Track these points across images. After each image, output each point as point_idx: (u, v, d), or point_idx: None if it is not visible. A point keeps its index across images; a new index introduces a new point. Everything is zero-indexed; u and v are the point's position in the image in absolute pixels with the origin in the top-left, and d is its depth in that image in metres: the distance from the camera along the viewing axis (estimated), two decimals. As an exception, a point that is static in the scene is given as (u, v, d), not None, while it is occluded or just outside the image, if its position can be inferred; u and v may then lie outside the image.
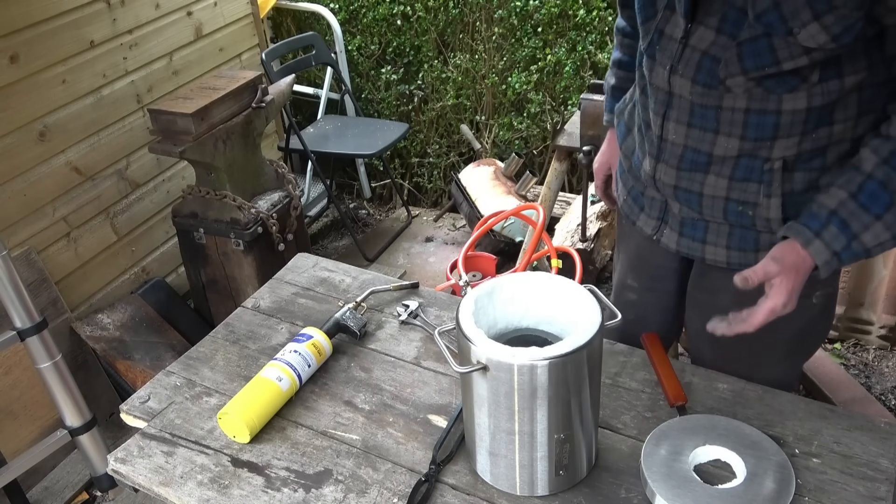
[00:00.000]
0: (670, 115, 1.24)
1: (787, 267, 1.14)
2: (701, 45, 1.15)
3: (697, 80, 1.17)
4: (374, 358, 1.45)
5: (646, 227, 1.43)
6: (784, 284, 1.14)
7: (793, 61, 1.07)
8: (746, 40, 1.09)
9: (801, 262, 1.14)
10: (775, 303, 1.14)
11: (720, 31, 1.12)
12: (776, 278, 1.14)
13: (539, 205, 2.63)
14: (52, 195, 2.47)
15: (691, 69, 1.17)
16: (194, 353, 1.51)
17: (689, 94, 1.19)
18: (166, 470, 1.24)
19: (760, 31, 1.07)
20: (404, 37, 3.70)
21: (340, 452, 1.25)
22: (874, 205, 1.09)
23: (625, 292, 1.62)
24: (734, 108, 1.16)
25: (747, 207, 1.25)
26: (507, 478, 1.14)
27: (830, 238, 1.12)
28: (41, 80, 2.39)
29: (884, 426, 1.21)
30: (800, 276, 1.14)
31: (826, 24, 1.01)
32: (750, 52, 1.09)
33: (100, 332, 2.54)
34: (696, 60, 1.16)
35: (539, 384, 1.04)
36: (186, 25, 2.92)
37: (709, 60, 1.14)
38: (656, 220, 1.39)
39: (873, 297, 2.62)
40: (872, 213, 1.09)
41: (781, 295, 1.13)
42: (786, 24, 1.04)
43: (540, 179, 3.12)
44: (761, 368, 1.41)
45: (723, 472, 1.15)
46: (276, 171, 2.83)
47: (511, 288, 1.19)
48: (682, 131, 1.23)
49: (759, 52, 1.08)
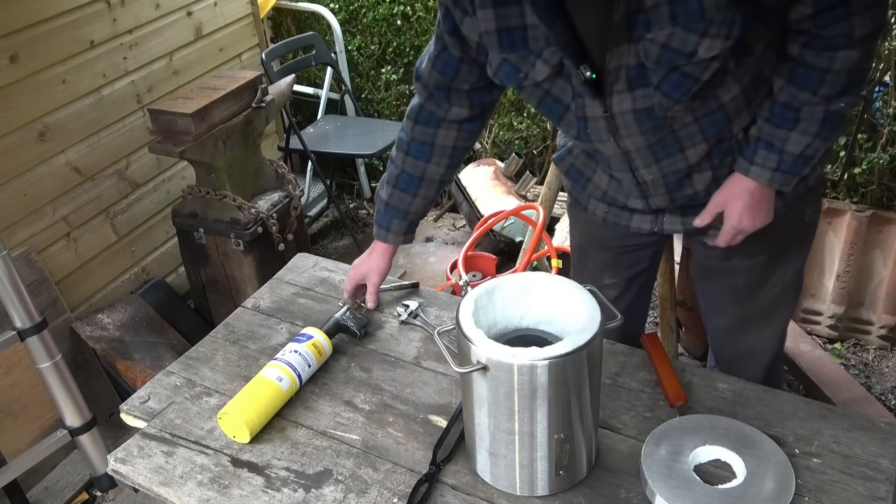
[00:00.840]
0: (637, 166, 1.31)
1: (729, 195, 1.29)
2: (626, 107, 1.20)
3: (642, 131, 1.23)
4: (374, 358, 1.45)
5: (643, 226, 1.46)
6: (734, 207, 1.29)
7: (709, 70, 1.14)
8: (661, 81, 1.15)
9: (749, 187, 1.28)
10: (730, 223, 1.30)
11: (633, 87, 1.17)
12: (726, 207, 1.30)
13: (539, 205, 2.63)
14: (52, 195, 2.47)
15: (633, 127, 1.23)
16: (194, 353, 1.51)
17: (643, 144, 1.26)
18: (166, 470, 1.24)
19: (666, 69, 1.13)
20: (404, 37, 3.70)
21: (340, 452, 1.25)
22: (784, 121, 1.21)
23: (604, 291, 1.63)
24: (685, 124, 1.23)
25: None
26: (507, 478, 1.14)
27: (762, 160, 1.25)
28: (41, 80, 2.39)
29: (884, 426, 1.21)
30: (753, 199, 1.28)
31: (714, 34, 1.08)
32: (671, 87, 1.16)
33: (100, 332, 2.54)
34: (632, 119, 1.22)
35: (539, 384, 1.04)
36: (186, 25, 2.92)
37: (642, 113, 1.21)
38: (652, 216, 1.44)
39: (873, 297, 2.62)
40: (785, 127, 1.22)
41: (733, 216, 1.29)
42: (682, 54, 1.11)
43: (540, 179, 3.12)
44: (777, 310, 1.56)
45: (723, 472, 1.15)
46: (276, 171, 2.83)
47: (511, 288, 1.19)
48: (654, 169, 1.31)
49: (677, 83, 1.15)
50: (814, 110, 1.19)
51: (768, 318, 1.57)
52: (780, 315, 1.59)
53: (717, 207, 1.31)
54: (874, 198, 2.76)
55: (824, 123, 1.20)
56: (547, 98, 1.27)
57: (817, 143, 1.22)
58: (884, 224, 2.53)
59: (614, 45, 1.13)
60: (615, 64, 1.15)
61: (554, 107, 1.27)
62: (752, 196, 1.27)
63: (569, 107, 1.26)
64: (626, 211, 1.46)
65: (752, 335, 1.59)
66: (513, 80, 1.26)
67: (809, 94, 1.18)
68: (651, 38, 1.09)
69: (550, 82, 1.23)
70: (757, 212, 1.29)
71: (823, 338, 2.70)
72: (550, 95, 1.26)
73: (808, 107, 1.19)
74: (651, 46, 1.11)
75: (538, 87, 1.25)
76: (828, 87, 1.16)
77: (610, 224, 1.50)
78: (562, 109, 1.27)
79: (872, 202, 2.74)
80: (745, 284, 1.51)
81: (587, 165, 1.45)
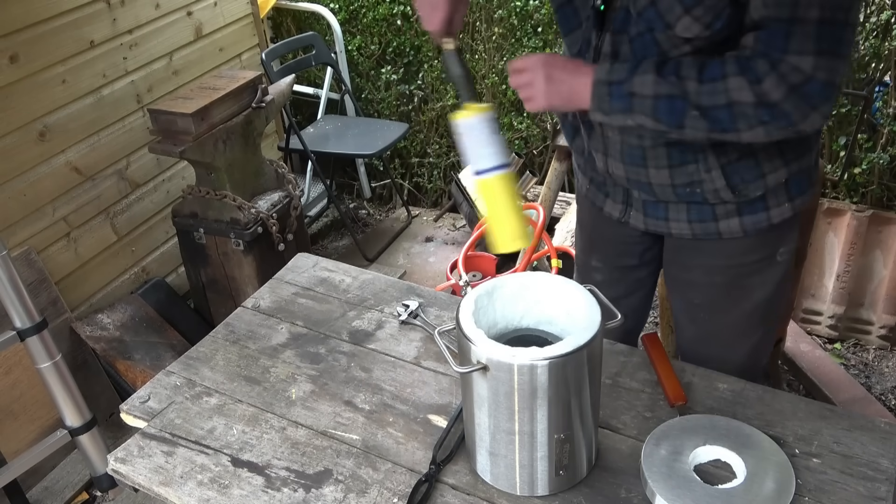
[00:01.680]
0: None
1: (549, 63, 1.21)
2: (607, 48, 1.24)
3: None
4: (374, 358, 1.45)
5: (613, 212, 1.49)
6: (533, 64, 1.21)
7: (677, 50, 1.15)
8: (635, 36, 1.18)
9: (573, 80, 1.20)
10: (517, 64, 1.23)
11: (615, 31, 1.21)
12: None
13: (539, 205, 2.63)
14: (52, 195, 2.47)
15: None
16: (194, 353, 1.51)
17: None
18: (166, 470, 1.24)
19: (643, 27, 1.16)
20: (404, 37, 3.70)
21: (340, 452, 1.25)
22: (664, 68, 1.14)
23: (591, 273, 1.66)
24: None
25: (694, 186, 1.32)
26: (507, 478, 1.14)
27: (619, 67, 1.18)
28: (41, 80, 2.39)
29: (884, 426, 1.21)
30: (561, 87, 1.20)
31: (696, 15, 1.10)
32: (640, 47, 1.18)
33: (100, 332, 2.54)
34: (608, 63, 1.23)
35: (539, 384, 1.04)
36: (186, 25, 2.92)
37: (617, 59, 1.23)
38: (622, 205, 1.46)
39: (873, 297, 2.62)
40: (657, 70, 1.14)
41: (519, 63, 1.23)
42: (663, 19, 1.13)
43: (540, 179, 3.12)
44: (741, 337, 1.51)
45: (723, 472, 1.15)
46: (276, 171, 2.83)
47: (511, 288, 1.19)
48: (616, 132, 1.31)
49: (645, 45, 1.18)
50: (681, 88, 1.12)
51: (729, 345, 1.52)
52: (744, 343, 1.52)
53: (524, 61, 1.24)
54: (874, 198, 2.76)
55: (670, 100, 1.13)
56: (568, 7, 1.30)
57: (646, 105, 1.15)
58: (884, 224, 2.53)
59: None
60: (620, 3, 1.18)
61: (570, 18, 1.30)
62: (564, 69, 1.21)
63: (581, 24, 1.29)
64: (601, 192, 1.49)
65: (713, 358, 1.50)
66: None
67: (696, 76, 1.11)
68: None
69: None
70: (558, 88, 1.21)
71: (823, 338, 2.70)
72: (571, 5, 1.29)
73: (684, 82, 1.12)
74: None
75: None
76: (709, 88, 1.10)
77: (590, 202, 1.52)
78: (575, 24, 1.30)
79: (872, 202, 2.74)
80: (702, 303, 1.49)
81: (576, 116, 1.44)
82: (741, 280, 1.44)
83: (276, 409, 1.35)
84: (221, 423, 1.32)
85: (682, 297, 1.53)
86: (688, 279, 1.49)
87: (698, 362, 1.48)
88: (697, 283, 1.47)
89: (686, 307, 1.54)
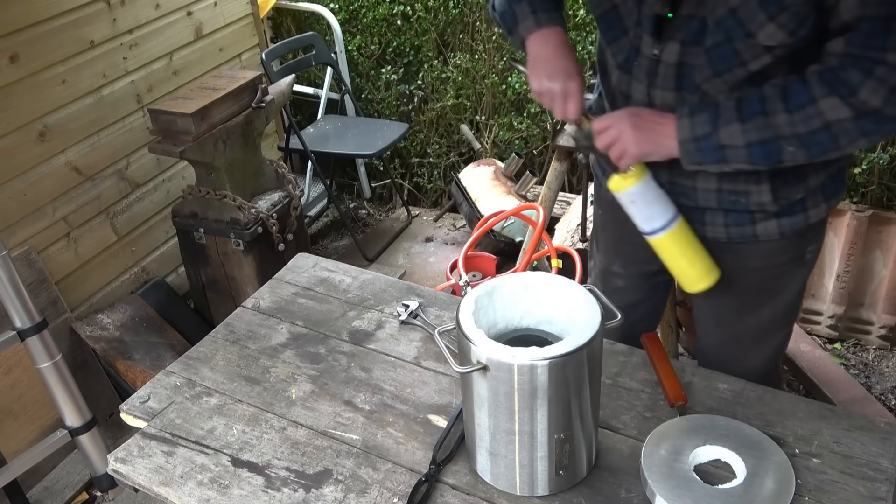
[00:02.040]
0: None
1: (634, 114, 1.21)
2: (672, 58, 1.20)
3: (676, 90, 1.22)
4: (374, 358, 1.45)
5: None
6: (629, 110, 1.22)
7: (758, 61, 1.12)
8: (712, 47, 1.14)
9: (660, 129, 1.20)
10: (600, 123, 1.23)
11: (686, 42, 1.17)
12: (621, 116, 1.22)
13: (539, 205, 2.63)
14: (52, 195, 2.47)
15: (670, 81, 1.22)
16: (194, 353, 1.51)
17: (671, 103, 1.24)
18: (166, 470, 1.24)
19: (722, 37, 1.12)
20: (404, 37, 3.70)
21: (340, 452, 1.25)
22: (746, 110, 1.13)
23: (612, 279, 1.64)
24: None
25: (739, 196, 1.30)
26: (507, 478, 1.14)
27: (700, 121, 1.17)
28: (41, 80, 2.39)
29: (884, 426, 1.21)
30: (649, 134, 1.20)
31: (781, 22, 1.06)
32: (717, 57, 1.14)
33: (100, 332, 2.54)
34: (673, 73, 1.21)
35: (539, 384, 1.04)
36: (186, 25, 2.92)
37: (685, 69, 1.19)
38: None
39: (873, 297, 2.62)
40: (740, 115, 1.13)
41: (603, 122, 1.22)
42: (744, 27, 1.09)
43: (540, 179, 3.12)
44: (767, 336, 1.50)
45: (723, 472, 1.15)
46: (276, 171, 2.83)
47: (511, 288, 1.19)
48: None
49: (724, 56, 1.13)
50: (770, 125, 1.11)
51: (757, 343, 1.53)
52: (769, 343, 1.54)
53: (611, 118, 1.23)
54: (874, 198, 2.76)
55: (762, 145, 1.12)
56: (612, 13, 1.25)
57: (741, 154, 1.15)
58: (884, 224, 2.53)
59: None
60: (689, 11, 1.14)
61: (614, 25, 1.26)
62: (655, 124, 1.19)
63: (627, 31, 1.24)
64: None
65: (740, 359, 1.53)
66: None
67: (783, 107, 1.10)
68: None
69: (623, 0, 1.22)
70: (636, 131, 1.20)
71: (823, 338, 2.70)
72: (617, 12, 1.24)
73: (771, 117, 1.11)
74: (720, 4, 1.09)
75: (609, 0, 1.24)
76: (801, 117, 1.09)
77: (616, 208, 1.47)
78: (620, 31, 1.25)
79: (872, 202, 2.74)
80: (734, 305, 1.48)
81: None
82: (772, 281, 1.43)
83: (276, 409, 1.35)
84: (221, 423, 1.32)
85: (711, 299, 1.48)
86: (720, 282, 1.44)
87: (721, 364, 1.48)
88: (729, 285, 1.43)
89: (715, 309, 1.52)
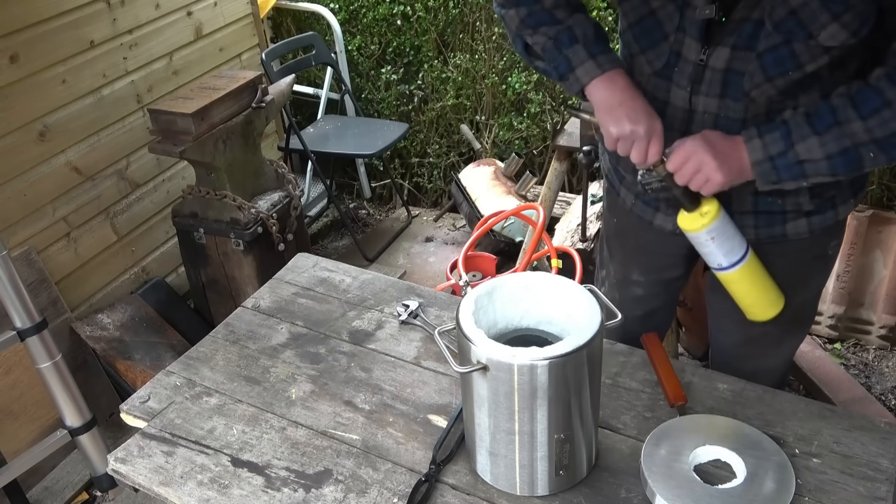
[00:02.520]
0: (692, 131, 1.23)
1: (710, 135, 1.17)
2: (720, 63, 1.16)
3: (722, 96, 1.18)
4: (374, 358, 1.45)
5: (666, 225, 1.42)
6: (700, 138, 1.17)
7: (815, 62, 1.09)
8: (766, 50, 1.11)
9: (736, 151, 1.16)
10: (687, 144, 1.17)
11: (737, 46, 1.13)
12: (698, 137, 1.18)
13: (539, 205, 2.63)
14: (52, 195, 2.47)
15: (716, 87, 1.18)
16: (194, 353, 1.51)
17: (714, 110, 1.21)
18: (166, 470, 1.24)
19: (780, 39, 1.09)
20: (404, 37, 3.70)
21: (340, 452, 1.25)
22: (819, 122, 1.11)
23: (631, 288, 1.62)
24: (757, 114, 1.18)
25: (776, 197, 1.28)
26: (507, 478, 1.14)
27: (771, 140, 1.14)
28: (41, 80, 2.39)
29: (884, 426, 1.21)
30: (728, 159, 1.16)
31: (845, 22, 1.04)
32: (772, 61, 1.11)
33: (100, 332, 2.54)
34: (720, 79, 1.17)
35: (539, 384, 1.03)
36: (186, 25, 2.92)
37: (733, 76, 1.16)
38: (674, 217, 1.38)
39: (873, 297, 2.62)
40: (814, 128, 1.11)
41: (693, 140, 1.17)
42: (805, 28, 1.06)
43: (540, 179, 3.12)
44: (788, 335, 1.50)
45: (723, 472, 1.15)
46: (276, 171, 2.83)
47: (511, 288, 1.19)
48: None
49: (780, 59, 1.10)
50: (846, 134, 1.09)
51: (777, 343, 1.52)
52: (788, 342, 1.54)
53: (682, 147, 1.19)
54: (874, 198, 2.76)
55: (843, 154, 1.11)
56: (650, 19, 1.20)
57: (822, 166, 1.13)
58: (884, 224, 2.53)
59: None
60: (741, 15, 1.11)
61: (653, 31, 1.21)
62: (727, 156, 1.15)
63: (667, 37, 1.20)
64: (650, 207, 1.43)
65: (757, 359, 1.54)
66: None
67: (857, 116, 1.08)
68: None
69: (662, 3, 1.18)
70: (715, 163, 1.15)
71: (823, 338, 2.70)
72: (655, 17, 1.20)
73: (846, 126, 1.09)
74: (780, 6, 1.06)
75: (646, 3, 1.19)
76: (877, 121, 1.07)
77: (636, 217, 1.46)
78: (660, 37, 1.21)
79: (872, 202, 2.74)
80: None
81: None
82: (797, 279, 1.42)
83: (276, 409, 1.35)
84: (221, 423, 1.32)
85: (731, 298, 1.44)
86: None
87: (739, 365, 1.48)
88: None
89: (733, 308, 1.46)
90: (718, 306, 1.55)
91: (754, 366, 1.54)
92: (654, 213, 1.43)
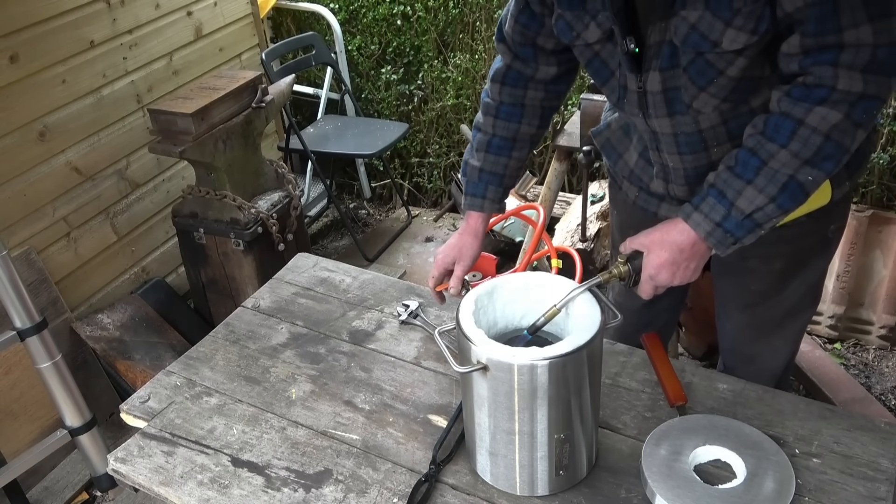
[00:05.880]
0: (662, 149, 1.32)
1: (657, 240, 1.18)
2: (656, 87, 1.22)
3: (670, 115, 1.24)
4: (374, 358, 1.45)
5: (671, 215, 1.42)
6: (656, 257, 1.18)
7: (734, 66, 1.13)
8: (688, 65, 1.15)
9: (683, 238, 1.16)
10: (647, 272, 1.19)
11: (663, 68, 1.19)
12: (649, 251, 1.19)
13: (539, 205, 2.63)
14: (52, 195, 2.47)
15: (661, 108, 1.24)
16: (194, 353, 1.51)
17: (669, 129, 1.26)
18: (166, 470, 1.24)
19: (693, 53, 1.13)
20: (404, 37, 3.69)
21: (340, 452, 1.25)
22: (745, 170, 1.11)
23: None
24: (713, 125, 1.23)
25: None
26: (507, 478, 1.14)
27: (709, 209, 1.14)
28: (41, 80, 2.39)
29: (884, 426, 1.21)
30: (681, 255, 1.17)
31: (738, 25, 1.07)
32: (696, 73, 1.16)
33: (100, 332, 2.54)
34: (661, 100, 1.23)
35: (539, 384, 1.04)
36: (186, 25, 2.92)
37: (671, 94, 1.21)
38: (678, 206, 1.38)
39: (873, 297, 2.62)
40: (744, 178, 1.11)
41: (651, 266, 1.18)
42: (707, 39, 1.10)
43: (540, 179, 3.12)
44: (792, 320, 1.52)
45: (723, 472, 1.15)
46: (276, 171, 2.83)
47: (511, 288, 1.19)
48: (677, 159, 1.31)
49: (701, 69, 1.15)
50: (777, 169, 1.09)
51: (781, 326, 1.54)
52: (792, 326, 1.56)
53: (640, 246, 1.21)
54: (874, 198, 2.76)
55: (784, 189, 1.09)
56: (596, 60, 1.29)
57: (770, 210, 1.11)
58: (884, 224, 2.53)
59: (656, 20, 1.14)
60: (655, 39, 1.16)
61: (601, 70, 1.30)
62: (681, 252, 1.16)
63: (614, 73, 1.28)
64: (655, 198, 1.46)
65: (762, 342, 1.56)
66: (566, 37, 1.27)
67: (778, 147, 1.08)
68: (684, 15, 1.10)
69: (601, 45, 1.25)
70: (679, 269, 1.17)
71: (823, 338, 2.70)
72: (599, 58, 1.28)
73: (773, 161, 1.09)
74: (681, 24, 1.11)
75: (589, 47, 1.27)
76: (799, 143, 1.06)
77: (640, 210, 1.49)
78: (608, 74, 1.29)
79: (872, 202, 2.74)
80: (759, 290, 1.49)
81: (621, 142, 1.46)
82: (798, 264, 1.44)
83: (276, 409, 1.35)
84: (221, 423, 1.32)
85: (736, 285, 1.52)
86: (745, 267, 1.46)
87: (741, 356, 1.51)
88: (755, 270, 1.45)
89: (740, 294, 1.53)
90: (723, 290, 1.58)
91: (757, 351, 1.57)
92: (659, 204, 1.46)
